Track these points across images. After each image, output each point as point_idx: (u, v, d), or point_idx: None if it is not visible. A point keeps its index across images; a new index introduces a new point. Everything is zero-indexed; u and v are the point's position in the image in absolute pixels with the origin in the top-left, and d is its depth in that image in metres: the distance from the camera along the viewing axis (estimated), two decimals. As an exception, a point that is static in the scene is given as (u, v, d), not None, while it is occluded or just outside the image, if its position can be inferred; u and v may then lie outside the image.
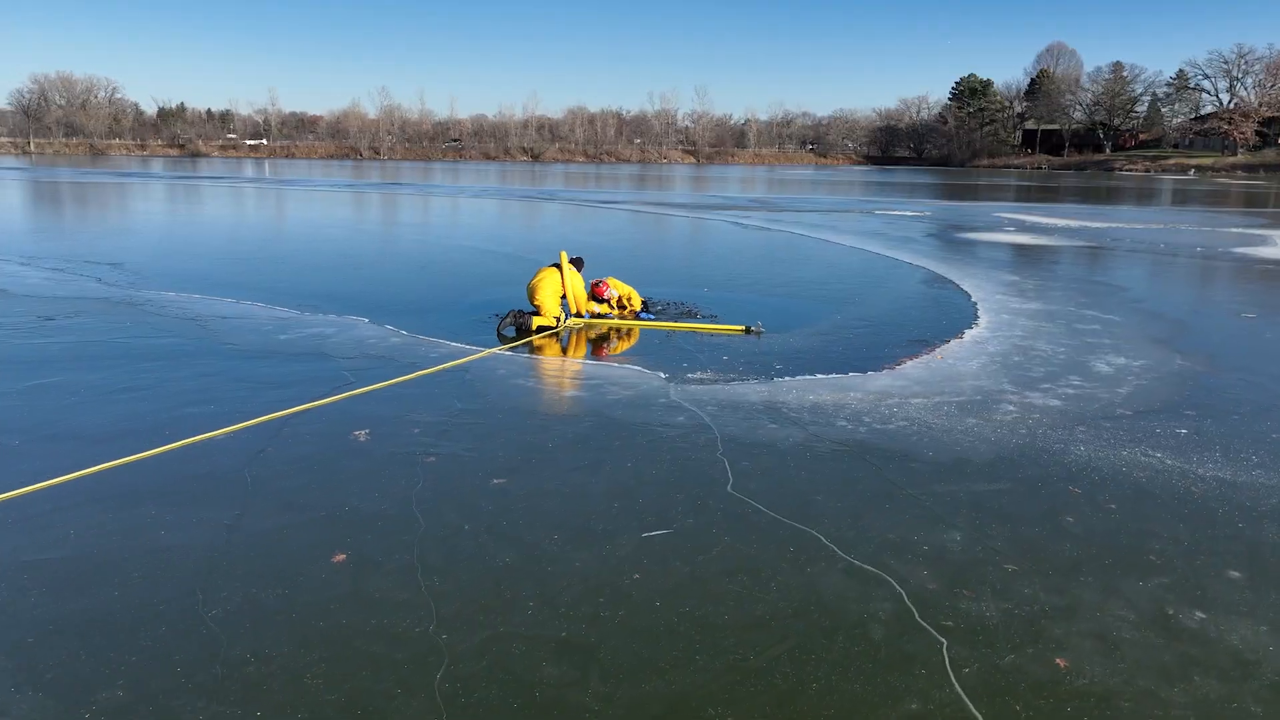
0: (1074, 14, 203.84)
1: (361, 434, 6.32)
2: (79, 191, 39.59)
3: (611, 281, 10.85)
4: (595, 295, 10.80)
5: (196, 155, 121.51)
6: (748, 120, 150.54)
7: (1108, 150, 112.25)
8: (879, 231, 23.68)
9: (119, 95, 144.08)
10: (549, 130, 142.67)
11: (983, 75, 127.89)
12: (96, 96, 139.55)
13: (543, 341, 9.64)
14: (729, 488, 5.43)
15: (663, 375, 8.06)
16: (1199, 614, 4.04)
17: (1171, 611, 4.06)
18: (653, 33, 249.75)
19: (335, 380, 7.70)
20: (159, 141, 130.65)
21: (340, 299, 11.87)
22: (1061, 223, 27.46)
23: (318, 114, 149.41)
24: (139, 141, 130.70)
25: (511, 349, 9.08)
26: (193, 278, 13.50)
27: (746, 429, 6.55)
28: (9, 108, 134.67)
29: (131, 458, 5.71)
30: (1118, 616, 4.00)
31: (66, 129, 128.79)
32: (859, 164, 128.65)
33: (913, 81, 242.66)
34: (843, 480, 5.59)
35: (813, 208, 33.97)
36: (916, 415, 6.94)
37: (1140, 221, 29.09)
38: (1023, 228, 25.48)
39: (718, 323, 10.53)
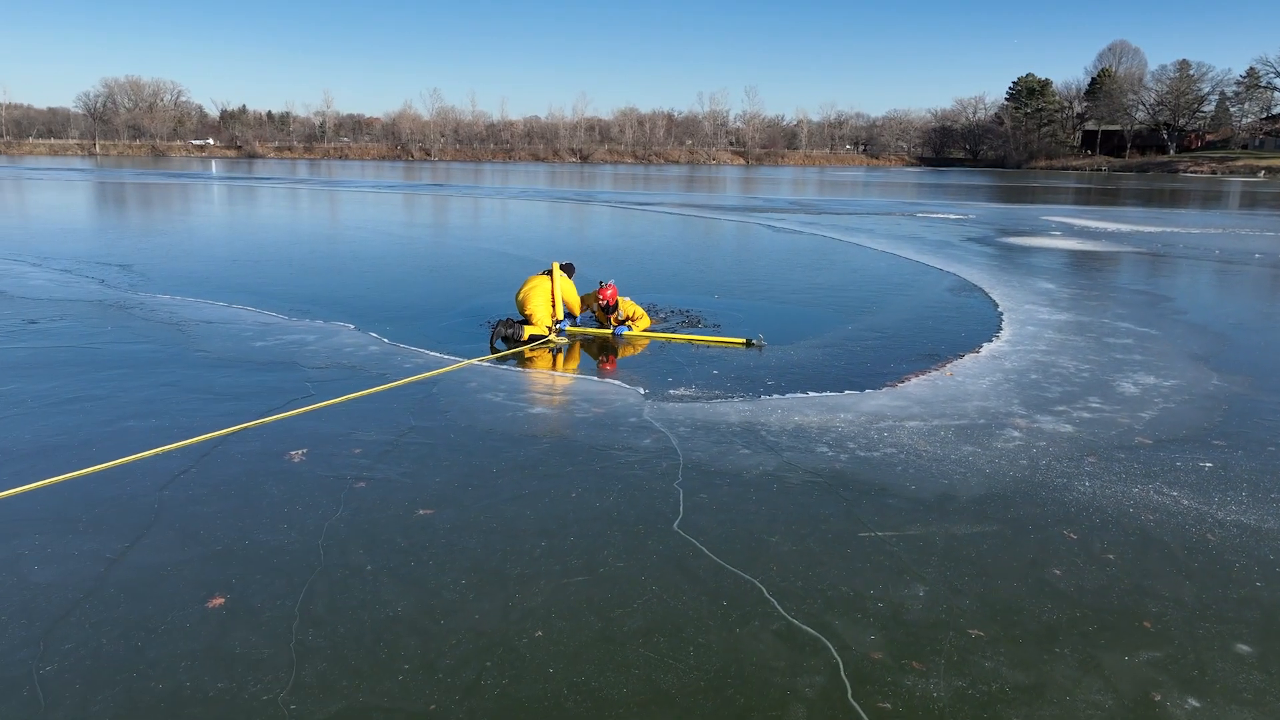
0: (1138, 12, 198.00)
1: (297, 454, 5.89)
2: (123, 192, 40.29)
3: (626, 303, 10.12)
4: (598, 297, 10.21)
5: (253, 156, 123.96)
6: (799, 121, 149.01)
7: (1172, 151, 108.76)
8: (915, 235, 22.80)
9: (184, 98, 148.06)
10: (599, 131, 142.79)
11: (1041, 75, 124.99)
12: (162, 100, 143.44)
13: (532, 352, 9.16)
14: (675, 525, 4.87)
15: (642, 391, 7.52)
16: (1191, 700, 3.39)
17: (1159, 696, 3.42)
18: (704, 33, 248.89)
19: (295, 393, 7.31)
20: (217, 143, 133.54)
21: (335, 303, 11.54)
22: (1113, 227, 26.25)
23: (375, 116, 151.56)
24: (199, 144, 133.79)
25: (491, 361, 8.61)
26: (196, 280, 13.31)
27: (715, 454, 5.98)
28: (79, 110, 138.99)
29: (42, 482, 5.35)
30: (1091, 701, 3.37)
31: (132, 131, 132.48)
32: (912, 165, 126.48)
33: (969, 81, 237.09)
34: (805, 518, 5.00)
35: (853, 210, 33.08)
36: (907, 441, 6.31)
37: (1198, 226, 27.72)
38: (1070, 232, 24.37)
39: (720, 333, 9.94)
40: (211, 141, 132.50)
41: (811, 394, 7.51)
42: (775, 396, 7.42)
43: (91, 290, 12.21)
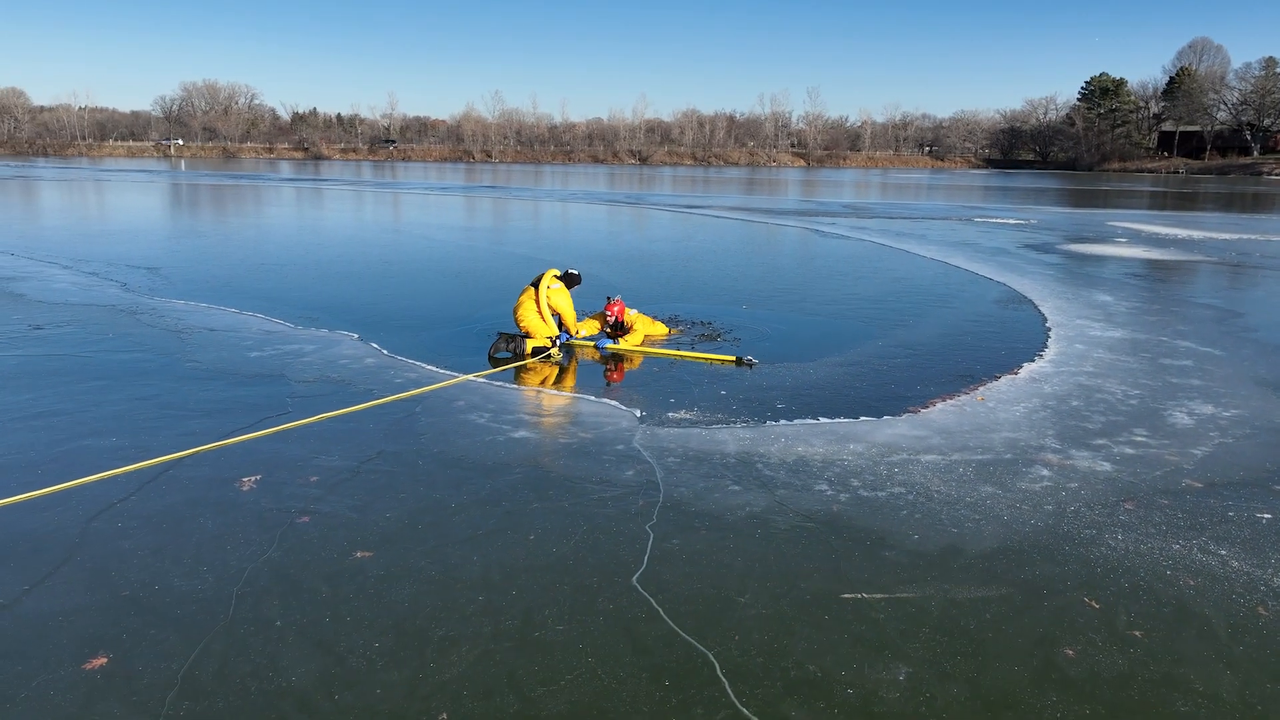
0: (1220, 9, 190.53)
1: (248, 482, 5.48)
2: (181, 194, 41.07)
3: (636, 318, 9.62)
4: (606, 313, 9.75)
5: (319, 158, 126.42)
6: (863, 122, 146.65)
7: (1255, 153, 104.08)
8: (969, 241, 21.79)
9: (257, 101, 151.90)
10: (659, 133, 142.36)
11: (1115, 74, 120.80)
12: (237, 103, 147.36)
13: (534, 365, 8.68)
14: (634, 578, 4.32)
15: (638, 414, 6.97)
16: (1219, 842, 2.72)
17: (1177, 834, 2.76)
18: (766, 34, 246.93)
19: (271, 410, 6.93)
20: (285, 145, 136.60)
21: (347, 310, 11.23)
22: (1184, 233, 24.83)
23: (440, 118, 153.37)
24: (268, 146, 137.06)
25: (486, 377, 8.14)
26: (216, 285, 13.15)
27: (700, 491, 5.41)
28: (157, 114, 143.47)
29: (-31, 505, 5.01)
30: (1089, 839, 2.73)
31: (207, 133, 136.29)
32: (978, 168, 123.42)
33: (1039, 81, 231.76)
34: (784, 574, 4.40)
35: (907, 214, 31.99)
36: (919, 479, 5.65)
37: (1279, 233, 26.08)
38: (1137, 239, 23.08)
39: (736, 347, 9.32)
40: (180, 141, 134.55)
41: (822, 420, 6.88)
42: (781, 423, 6.80)
43: (109, 295, 12.09)
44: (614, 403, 7.32)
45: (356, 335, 9.69)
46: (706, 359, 8.80)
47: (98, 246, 17.97)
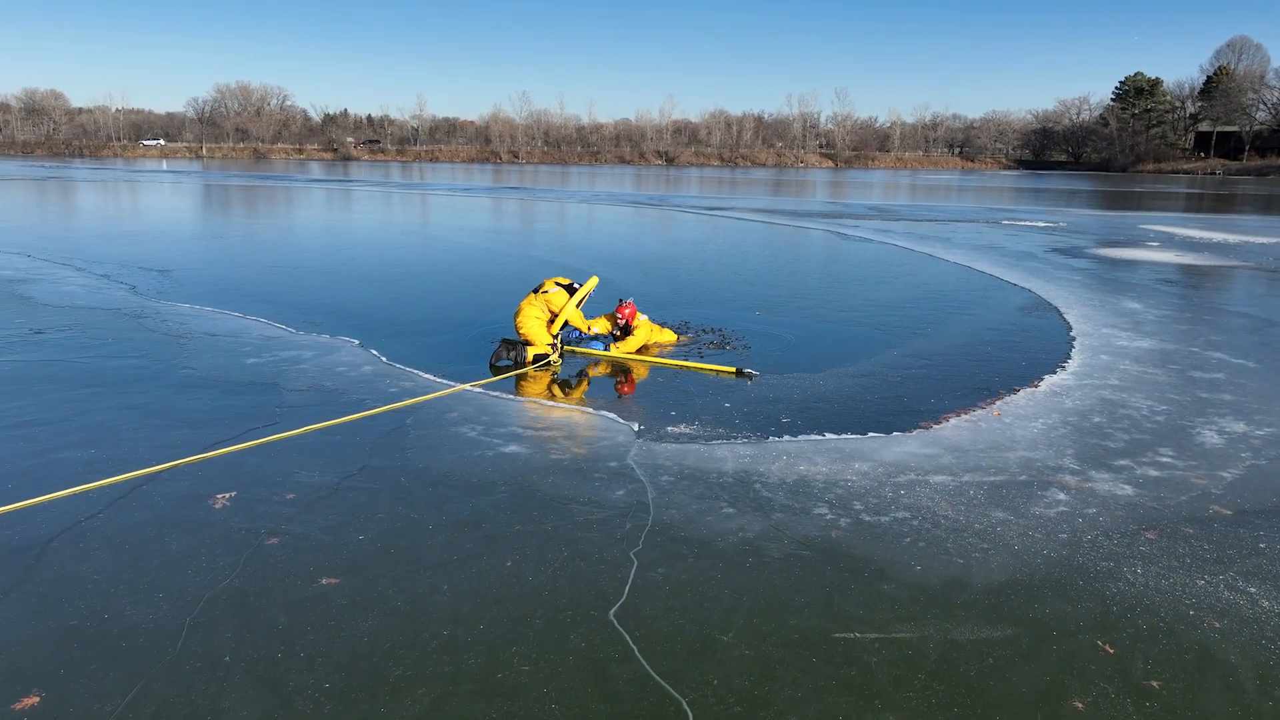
0: (1260, 7, 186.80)
1: (222, 499, 5.27)
2: (207, 195, 41.33)
3: (643, 324, 9.38)
4: (616, 316, 9.52)
5: (348, 159, 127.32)
6: (892, 123, 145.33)
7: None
8: (996, 245, 21.28)
9: (289, 102, 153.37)
10: (686, 134, 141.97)
11: (1151, 74, 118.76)
12: (269, 104, 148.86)
13: (535, 374, 8.43)
14: (611, 612, 4.04)
15: (635, 427, 6.70)
16: None
17: None
18: (794, 35, 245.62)
19: (259, 420, 6.73)
20: (315, 146, 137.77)
21: (352, 315, 11.05)
22: (1219, 237, 24.13)
23: (469, 119, 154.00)
24: (298, 146, 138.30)
25: (483, 387, 7.90)
26: (225, 288, 13.04)
27: (692, 514, 5.13)
28: (191, 115, 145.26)
29: (-71, 522, 4.83)
30: None
31: (239, 134, 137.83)
32: (1009, 169, 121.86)
33: (1072, 81, 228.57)
34: (773, 609, 4.10)
35: (933, 216, 31.43)
36: (927, 503, 5.33)
37: (1319, 236, 25.29)
38: (1170, 243, 22.44)
39: (745, 356, 9.03)
40: (162, 141, 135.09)
41: (829, 436, 6.56)
42: (785, 439, 6.49)
43: (116, 298, 12.01)
44: (612, 415, 7.05)
45: (357, 341, 9.49)
46: (705, 369, 8.51)
47: (113, 248, 17.99)
